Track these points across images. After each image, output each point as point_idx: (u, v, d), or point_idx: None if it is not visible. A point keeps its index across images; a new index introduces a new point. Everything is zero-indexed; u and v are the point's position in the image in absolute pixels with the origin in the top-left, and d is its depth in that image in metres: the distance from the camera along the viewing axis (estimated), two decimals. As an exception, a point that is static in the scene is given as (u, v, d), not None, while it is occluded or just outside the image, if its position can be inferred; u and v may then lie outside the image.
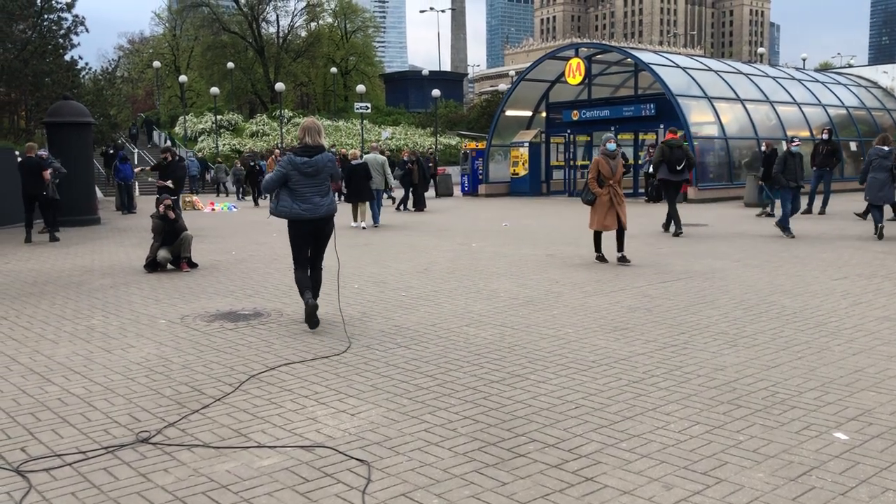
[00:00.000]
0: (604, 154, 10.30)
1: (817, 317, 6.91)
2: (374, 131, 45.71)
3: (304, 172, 6.59)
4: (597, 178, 10.22)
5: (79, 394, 4.99)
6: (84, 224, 17.83)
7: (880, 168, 12.51)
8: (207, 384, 5.14)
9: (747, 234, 13.79)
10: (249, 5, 58.56)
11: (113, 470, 3.74)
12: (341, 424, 4.33)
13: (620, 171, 10.33)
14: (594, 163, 10.41)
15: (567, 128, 27.75)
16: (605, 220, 10.16)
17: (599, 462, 3.74)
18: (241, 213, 22.22)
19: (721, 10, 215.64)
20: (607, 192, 10.14)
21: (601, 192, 10.15)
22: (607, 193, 10.14)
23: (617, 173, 10.22)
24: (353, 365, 5.56)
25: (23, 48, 22.94)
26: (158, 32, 67.39)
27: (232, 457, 3.89)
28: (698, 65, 27.51)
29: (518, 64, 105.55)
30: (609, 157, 10.25)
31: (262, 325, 6.94)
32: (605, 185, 10.15)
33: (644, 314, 7.12)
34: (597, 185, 10.19)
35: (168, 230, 10.35)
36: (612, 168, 10.19)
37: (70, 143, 18.02)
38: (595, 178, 10.23)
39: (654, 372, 5.25)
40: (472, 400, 4.72)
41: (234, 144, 42.10)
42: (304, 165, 6.60)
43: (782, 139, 26.00)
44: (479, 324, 6.85)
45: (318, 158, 6.65)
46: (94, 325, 7.11)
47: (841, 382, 4.95)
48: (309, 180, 6.62)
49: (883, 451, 3.82)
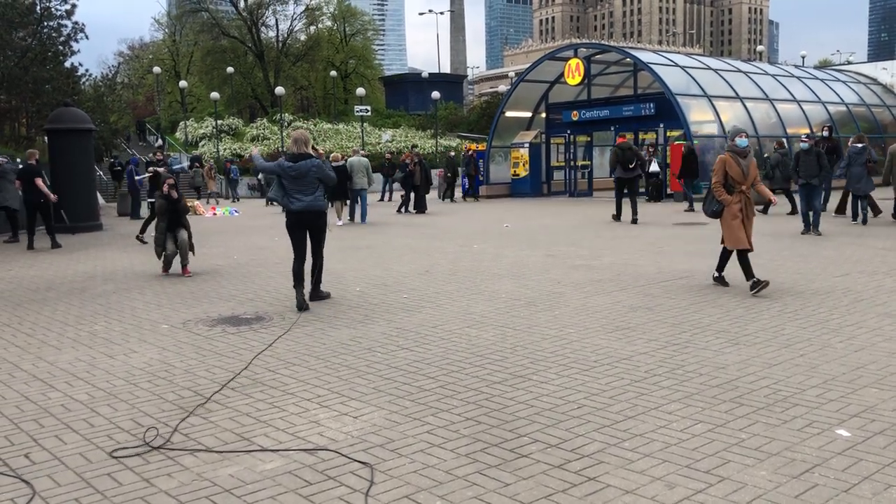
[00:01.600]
0: (732, 152, 8.16)
1: (819, 314, 6.90)
2: (374, 134, 45.76)
3: (290, 175, 7.80)
4: (724, 183, 8.14)
5: (82, 399, 4.99)
6: (86, 230, 17.84)
7: (857, 163, 14.14)
8: (210, 389, 5.14)
9: (748, 232, 13.78)
10: (249, 10, 58.65)
11: (116, 475, 3.75)
12: (344, 427, 4.34)
13: (754, 172, 8.24)
14: (719, 163, 8.21)
15: (567, 128, 27.74)
16: (742, 235, 8.05)
17: (602, 462, 3.75)
18: (243, 218, 22.23)
19: (720, 9, 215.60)
20: (739, 200, 8.08)
21: (731, 200, 8.06)
22: (739, 202, 8.08)
23: (750, 176, 8.13)
24: (355, 367, 5.57)
25: (23, 55, 22.99)
26: (158, 38, 67.57)
27: (235, 461, 3.90)
28: (697, 64, 27.51)
29: (517, 65, 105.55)
30: (739, 155, 8.13)
31: (264, 329, 6.95)
32: (734, 192, 8.10)
33: (645, 313, 7.13)
34: (724, 191, 8.12)
35: (171, 209, 10.44)
36: (744, 169, 8.08)
37: (71, 150, 18.05)
38: (721, 183, 8.13)
39: (655, 371, 5.25)
40: (474, 401, 4.72)
41: (235, 149, 42.14)
42: (289, 170, 7.81)
43: (783, 137, 26.04)
44: (481, 325, 6.85)
45: (302, 164, 7.80)
46: (96, 330, 7.12)
47: (843, 379, 4.95)
48: (295, 182, 7.81)
49: (885, 447, 3.82)
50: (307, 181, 7.81)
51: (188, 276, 10.44)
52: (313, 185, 7.87)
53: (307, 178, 7.80)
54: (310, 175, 7.80)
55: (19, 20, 23.48)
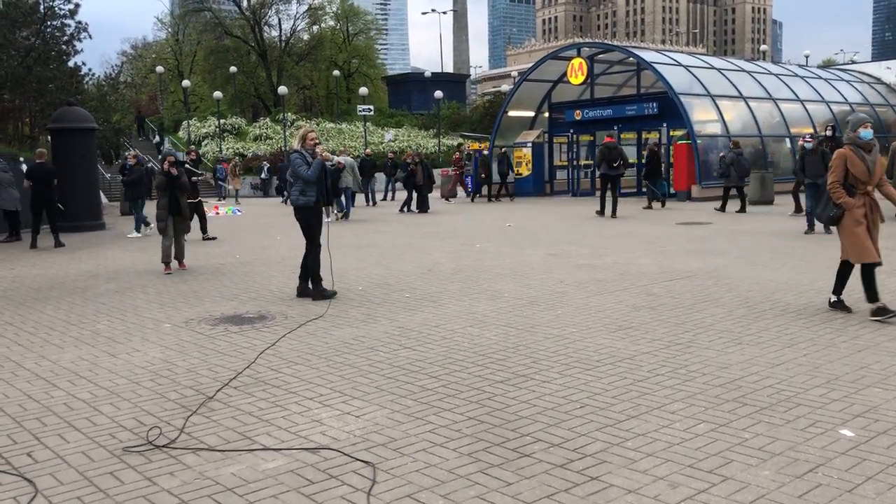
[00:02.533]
0: (853, 145, 6.73)
1: (822, 314, 6.89)
2: (376, 133, 45.72)
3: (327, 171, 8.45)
4: (843, 182, 6.70)
5: (84, 398, 5.00)
6: (89, 230, 17.86)
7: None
8: (212, 387, 5.14)
9: (751, 231, 13.77)
10: (251, 9, 58.59)
11: (119, 474, 3.75)
12: (346, 426, 4.33)
13: (881, 170, 6.85)
14: (838, 158, 6.77)
15: (570, 127, 27.72)
16: (869, 245, 6.65)
17: (605, 461, 3.74)
18: (246, 217, 22.25)
19: (723, 8, 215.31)
20: (863, 203, 6.67)
21: (853, 203, 6.64)
22: (863, 205, 6.67)
23: (876, 174, 6.68)
24: (357, 366, 5.56)
25: (26, 55, 23.00)
26: (161, 37, 67.55)
27: (237, 460, 3.90)
28: (701, 63, 27.47)
29: (520, 64, 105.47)
30: (862, 149, 6.69)
31: (266, 329, 6.95)
32: (856, 194, 6.67)
33: (648, 313, 7.11)
34: (844, 192, 6.68)
35: (171, 185, 10.67)
36: (869, 166, 6.64)
37: (74, 149, 18.07)
38: (840, 183, 6.69)
39: (658, 371, 5.24)
40: (476, 400, 4.72)
41: (238, 148, 42.14)
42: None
43: (786, 136, 26.01)
44: (484, 324, 6.85)
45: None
46: (99, 329, 7.13)
47: (846, 379, 4.93)
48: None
49: (889, 447, 3.81)
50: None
51: (183, 269, 10.72)
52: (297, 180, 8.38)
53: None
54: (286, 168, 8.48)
55: (23, 19, 23.47)
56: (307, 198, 8.14)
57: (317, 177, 8.04)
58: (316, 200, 8.21)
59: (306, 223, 8.29)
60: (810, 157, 13.42)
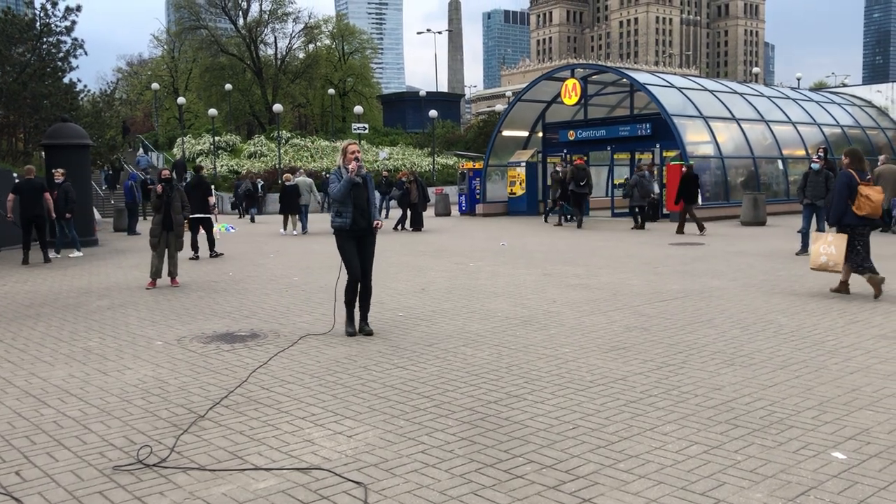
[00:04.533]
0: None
1: (814, 335, 6.91)
2: (371, 152, 45.81)
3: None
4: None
5: (75, 416, 4.96)
6: (82, 245, 17.78)
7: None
8: (204, 406, 5.12)
9: (744, 252, 13.82)
10: (247, 27, 58.93)
11: (108, 493, 3.72)
12: (338, 446, 4.32)
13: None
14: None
15: (564, 148, 27.82)
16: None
17: (597, 483, 3.73)
18: (239, 235, 22.22)
19: (716, 31, 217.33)
20: None
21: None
22: None
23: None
24: (349, 386, 5.55)
25: (22, 71, 23.03)
26: (157, 55, 67.77)
27: (228, 479, 3.87)
28: (694, 85, 27.68)
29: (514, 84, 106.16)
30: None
31: (258, 347, 6.93)
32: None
33: (641, 333, 7.12)
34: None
35: (166, 203, 10.97)
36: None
37: (68, 165, 18.02)
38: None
39: (651, 392, 5.24)
40: (469, 421, 4.71)
41: (233, 165, 42.16)
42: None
43: (778, 158, 26.17)
44: (477, 344, 6.84)
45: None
46: (90, 347, 7.09)
47: (838, 401, 4.94)
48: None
49: (881, 470, 3.81)
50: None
51: (176, 286, 10.72)
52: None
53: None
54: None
55: (19, 36, 23.53)
56: (342, 219, 7.20)
57: (343, 195, 7.11)
58: (352, 223, 7.16)
59: (341, 249, 7.29)
60: (814, 178, 13.39)
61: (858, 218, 8.80)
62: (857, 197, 8.75)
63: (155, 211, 11.08)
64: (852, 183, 8.76)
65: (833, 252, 8.92)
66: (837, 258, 8.88)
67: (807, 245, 13.22)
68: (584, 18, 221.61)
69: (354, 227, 7.18)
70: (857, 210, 8.75)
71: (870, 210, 8.72)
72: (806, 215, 13.42)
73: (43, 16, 24.30)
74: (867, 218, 8.81)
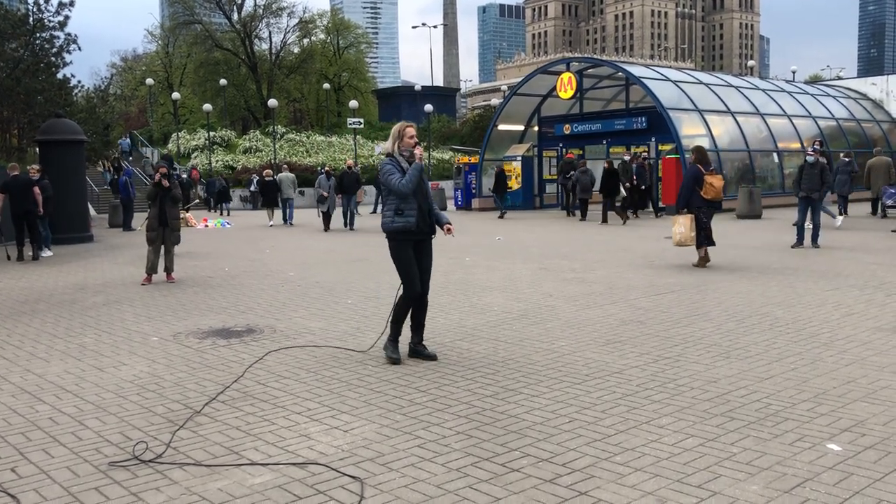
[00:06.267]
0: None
1: (810, 328, 6.92)
2: (366, 146, 45.76)
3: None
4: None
5: (70, 413, 4.95)
6: (77, 242, 17.76)
7: (843, 172, 19.37)
8: (199, 402, 5.11)
9: (739, 245, 13.84)
10: (242, 22, 58.70)
11: (104, 489, 3.71)
12: (334, 441, 4.31)
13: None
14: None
15: (559, 141, 27.83)
16: None
17: (593, 476, 3.73)
18: (235, 230, 22.20)
19: (711, 24, 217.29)
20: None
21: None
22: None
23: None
24: (345, 381, 5.54)
25: (15, 66, 22.94)
26: (151, 50, 67.49)
27: (224, 475, 3.87)
28: (689, 78, 27.67)
29: (510, 79, 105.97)
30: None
31: (254, 342, 6.92)
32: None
33: (637, 327, 7.13)
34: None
35: (162, 195, 10.83)
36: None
37: (63, 161, 17.99)
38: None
39: (647, 385, 5.25)
40: (465, 415, 4.71)
41: (228, 160, 42.07)
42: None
43: (773, 151, 26.19)
44: (473, 338, 6.84)
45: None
46: (86, 343, 7.08)
47: (834, 393, 4.95)
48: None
49: (876, 461, 3.82)
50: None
51: (171, 282, 10.72)
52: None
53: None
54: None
55: (12, 31, 23.43)
56: (405, 219, 5.93)
57: (414, 186, 5.85)
58: (417, 223, 5.95)
59: (398, 257, 6.22)
60: (809, 170, 13.33)
61: (704, 200, 10.90)
62: (704, 184, 10.82)
63: (150, 201, 10.95)
64: (698, 174, 10.85)
65: (683, 231, 10.95)
66: (687, 234, 10.92)
67: (802, 238, 13.24)
68: (579, 12, 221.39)
69: (418, 230, 6.05)
70: (704, 194, 10.83)
71: (714, 194, 10.86)
72: (801, 208, 13.42)
73: (36, 11, 24.21)
74: (711, 201, 10.95)
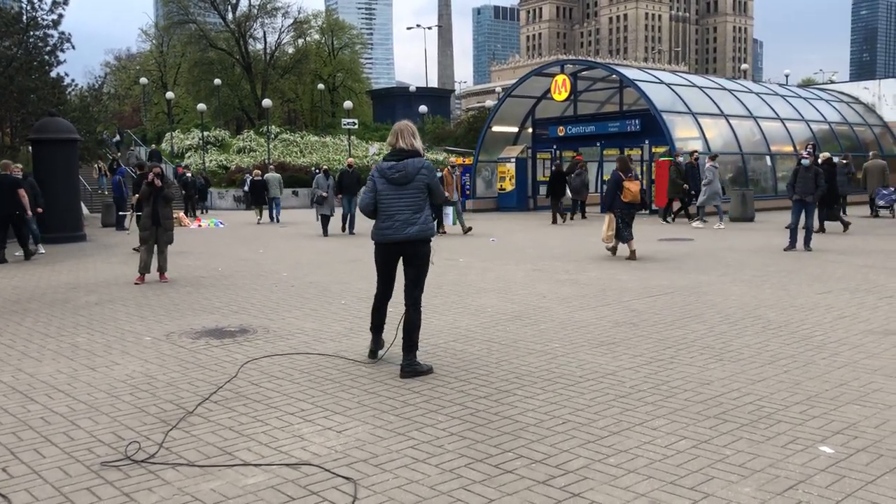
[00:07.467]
0: None
1: (802, 330, 6.94)
2: (361, 147, 45.73)
3: (390, 179, 5.60)
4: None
5: (62, 412, 4.93)
6: (70, 241, 17.69)
7: (840, 174, 18.49)
8: (192, 402, 5.09)
9: (733, 248, 13.87)
10: (236, 22, 58.60)
11: (96, 489, 3.70)
12: (327, 442, 4.31)
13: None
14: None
15: (553, 143, 27.89)
16: None
17: (587, 478, 3.74)
18: (228, 230, 22.15)
19: (705, 27, 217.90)
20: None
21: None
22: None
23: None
24: (339, 381, 5.54)
25: (8, 65, 22.83)
26: (145, 49, 67.29)
27: (217, 475, 3.86)
28: (683, 81, 27.76)
29: (504, 80, 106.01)
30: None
31: (247, 342, 6.90)
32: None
33: (630, 329, 7.14)
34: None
35: (155, 195, 10.78)
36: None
37: (56, 160, 17.93)
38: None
39: (640, 387, 5.25)
40: (459, 416, 4.70)
41: (221, 160, 41.97)
42: (390, 170, 5.58)
43: (766, 154, 26.29)
44: (467, 339, 6.84)
45: (408, 163, 5.56)
46: (78, 342, 7.05)
47: (826, 396, 4.97)
48: (396, 191, 5.60)
49: (868, 464, 3.84)
50: (412, 190, 5.63)
51: (165, 281, 10.73)
52: (419, 197, 5.66)
53: (412, 186, 5.62)
54: (418, 181, 5.62)
55: (5, 29, 23.30)
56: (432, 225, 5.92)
57: (368, 210, 5.85)
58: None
59: (426, 260, 6.11)
60: (804, 174, 13.34)
61: (624, 203, 12.32)
62: (623, 189, 12.22)
63: (142, 199, 10.91)
64: (619, 181, 12.25)
65: (603, 229, 12.84)
66: (606, 233, 12.73)
67: (795, 241, 13.27)
68: (573, 14, 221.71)
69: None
70: (623, 198, 12.26)
71: (631, 197, 12.25)
72: (795, 211, 13.43)
73: (29, 9, 24.09)
74: (630, 203, 12.34)
